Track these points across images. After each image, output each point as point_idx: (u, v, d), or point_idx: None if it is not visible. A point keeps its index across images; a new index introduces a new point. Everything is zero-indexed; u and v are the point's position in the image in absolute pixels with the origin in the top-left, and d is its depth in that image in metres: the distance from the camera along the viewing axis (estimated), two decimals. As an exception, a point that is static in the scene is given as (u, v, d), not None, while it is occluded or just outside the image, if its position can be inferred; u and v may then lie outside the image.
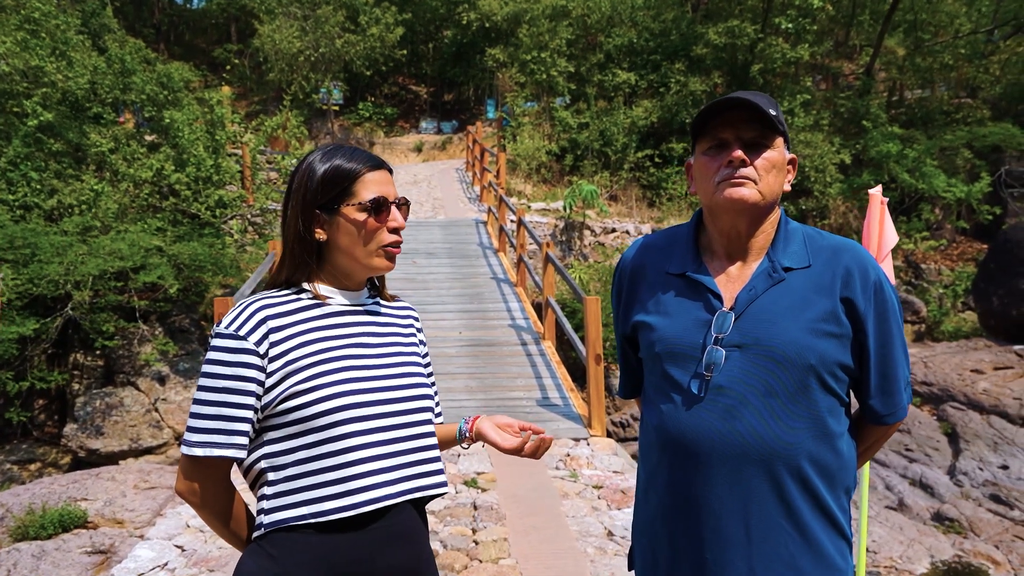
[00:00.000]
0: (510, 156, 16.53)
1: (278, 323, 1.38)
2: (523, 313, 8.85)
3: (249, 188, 11.95)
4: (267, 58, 18.07)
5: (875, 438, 1.55)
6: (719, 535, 1.42)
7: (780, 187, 1.46)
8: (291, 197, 1.44)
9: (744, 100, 1.41)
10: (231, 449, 1.33)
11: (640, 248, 1.64)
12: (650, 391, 1.55)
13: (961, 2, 20.93)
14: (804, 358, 1.37)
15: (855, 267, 1.42)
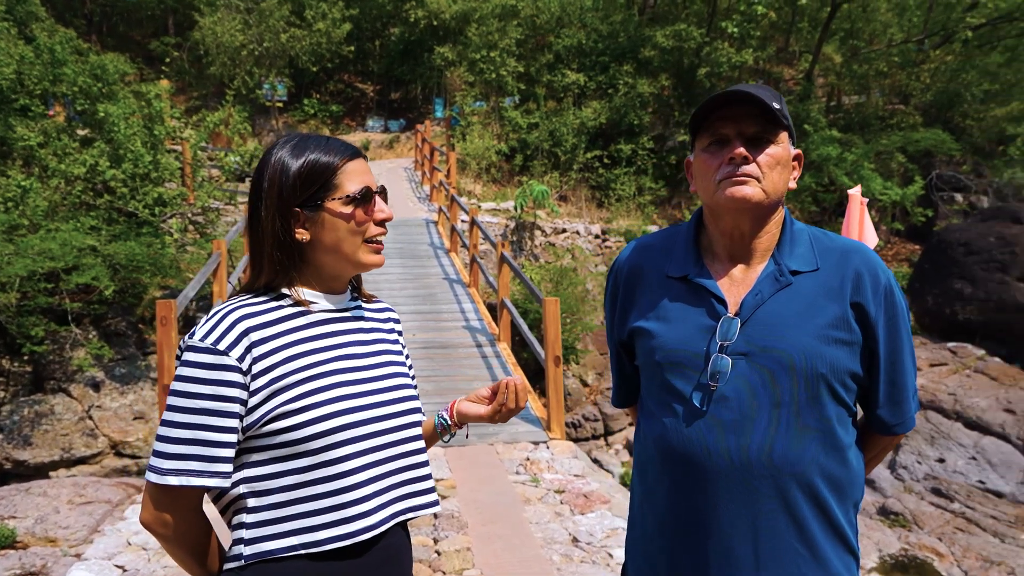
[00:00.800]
0: (459, 156, 16.39)
1: (261, 335, 1.24)
2: (477, 314, 8.73)
3: (190, 186, 11.50)
4: (208, 52, 17.46)
5: (880, 448, 1.48)
6: (726, 556, 1.34)
7: (785, 185, 1.37)
8: (262, 197, 1.29)
9: (745, 93, 1.32)
10: (213, 478, 1.20)
11: (637, 249, 1.54)
12: (650, 402, 1.45)
13: (893, 13, 21.73)
14: (815, 367, 1.30)
15: (865, 270, 1.35)
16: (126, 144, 10.25)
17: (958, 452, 9.36)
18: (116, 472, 9.19)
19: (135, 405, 9.81)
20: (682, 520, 1.38)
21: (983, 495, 8.19)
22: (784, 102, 1.39)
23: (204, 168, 12.04)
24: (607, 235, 15.51)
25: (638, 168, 17.36)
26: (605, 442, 11.77)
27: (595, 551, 4.07)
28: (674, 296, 1.43)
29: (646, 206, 16.94)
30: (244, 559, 1.23)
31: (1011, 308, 11.23)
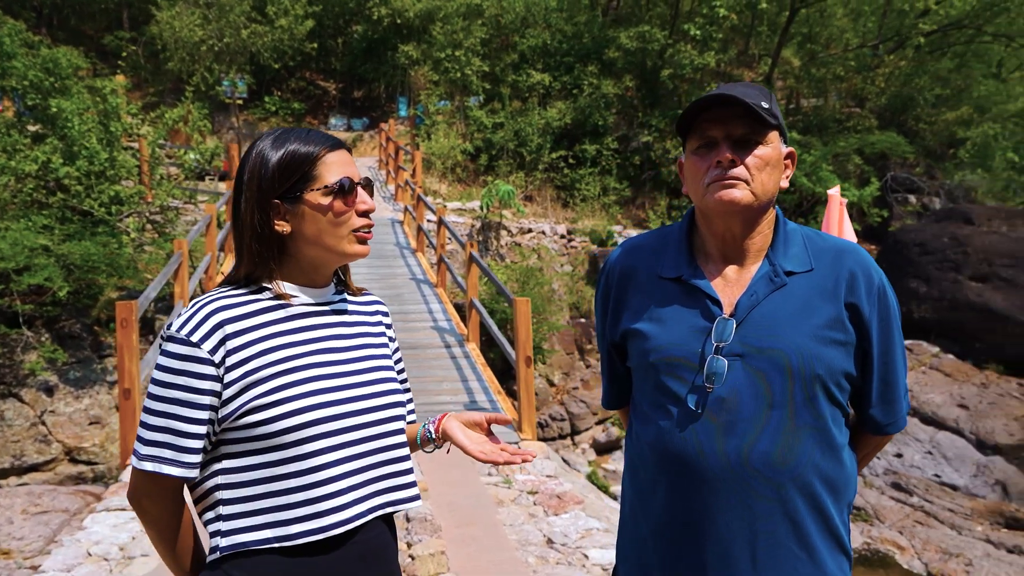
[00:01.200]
0: (424, 155, 16.28)
1: (236, 327, 1.24)
2: (445, 314, 8.67)
3: (148, 184, 11.19)
4: (166, 47, 17.02)
5: (871, 448, 1.49)
6: (723, 559, 1.32)
7: (775, 185, 1.36)
8: (243, 190, 1.29)
9: (731, 95, 1.31)
10: (178, 468, 1.22)
11: (629, 250, 1.52)
12: (644, 404, 1.43)
13: (849, 18, 22.23)
14: (812, 368, 1.29)
15: (859, 271, 1.35)
16: (81, 141, 9.93)
17: (915, 447, 9.60)
18: (71, 479, 8.90)
19: (91, 410, 9.51)
20: (678, 523, 1.36)
21: (940, 488, 8.41)
22: (775, 100, 1.38)
23: (162, 166, 11.73)
24: (572, 235, 15.56)
25: (603, 168, 17.45)
26: (572, 441, 11.80)
27: (570, 552, 4.05)
28: (668, 297, 1.41)
29: (611, 206, 17.04)
30: (220, 551, 1.24)
31: (964, 307, 11.57)
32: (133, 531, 4.28)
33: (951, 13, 19.85)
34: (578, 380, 13.06)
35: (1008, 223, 12.54)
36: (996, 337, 11.35)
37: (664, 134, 17.72)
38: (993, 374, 11.09)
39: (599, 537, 4.23)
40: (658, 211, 16.95)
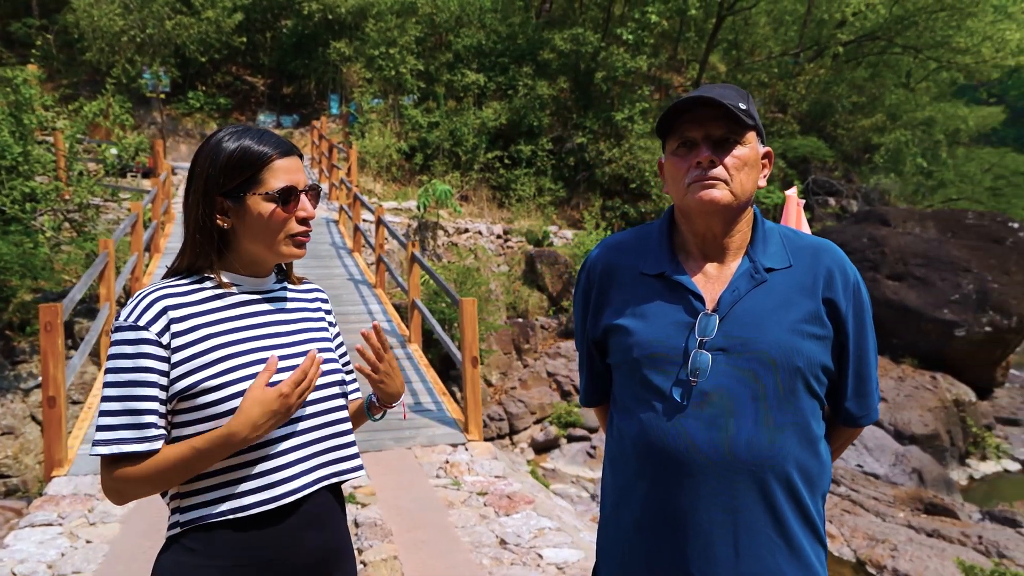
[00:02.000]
0: (358, 154, 16.00)
1: (180, 313, 1.33)
2: (385, 315, 8.54)
3: (65, 180, 10.60)
4: (82, 36, 16.15)
5: (844, 440, 1.54)
6: (705, 552, 1.34)
7: (753, 185, 1.40)
8: (193, 181, 1.37)
9: (709, 97, 1.34)
10: (144, 443, 1.28)
11: (609, 248, 1.54)
12: (627, 399, 1.45)
13: (771, 27, 23.08)
14: (792, 361, 1.33)
15: (836, 268, 1.40)
16: (-10, 133, 9.32)
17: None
18: (-18, 494, 8.35)
19: (3, 419, 8.94)
20: (660, 517, 1.38)
21: (865, 478, 8.81)
22: (752, 100, 1.42)
23: (81, 161, 11.13)
24: (509, 235, 15.59)
25: (538, 169, 17.55)
26: (510, 441, 11.83)
27: (524, 552, 4.05)
28: (651, 293, 1.44)
29: (546, 207, 17.16)
30: (180, 526, 1.33)
31: (881, 304, 12.15)
32: (62, 547, 4.04)
33: (866, 25, 20.87)
34: (516, 380, 13.10)
35: (920, 224, 13.25)
36: (911, 333, 11.98)
37: (598, 136, 17.97)
38: (909, 368, 11.70)
39: (552, 536, 4.24)
40: (592, 212, 17.18)
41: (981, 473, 10.09)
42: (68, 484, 4.77)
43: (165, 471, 1.29)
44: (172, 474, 1.30)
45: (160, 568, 1.34)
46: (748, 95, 1.41)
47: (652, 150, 17.36)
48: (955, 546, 6.62)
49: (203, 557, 1.31)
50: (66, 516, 4.39)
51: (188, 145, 19.56)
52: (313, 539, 1.37)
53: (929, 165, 22.20)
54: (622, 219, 17.44)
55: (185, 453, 1.28)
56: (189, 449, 1.28)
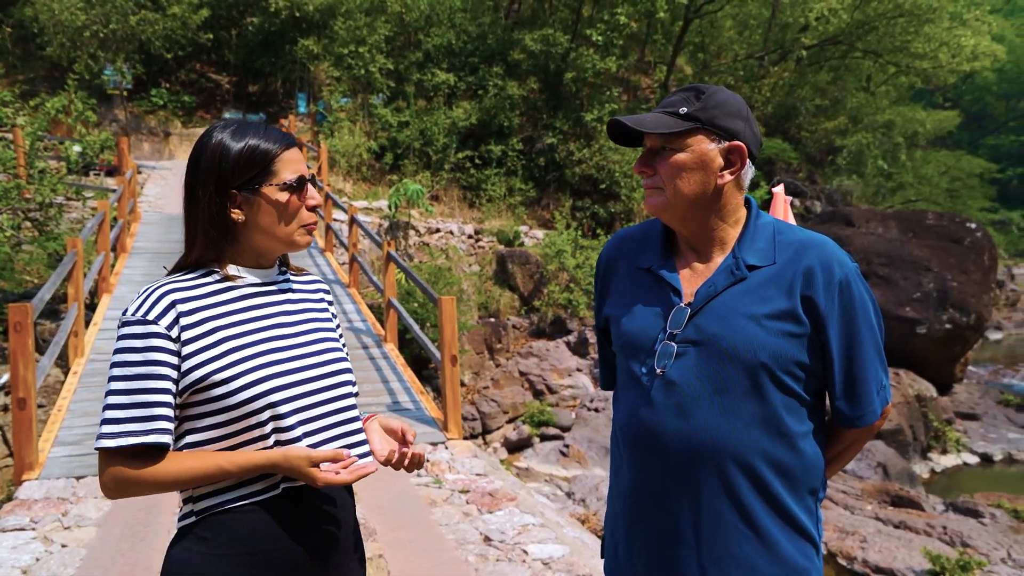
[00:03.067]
0: (328, 153, 15.86)
1: (188, 307, 1.35)
2: (360, 315, 8.48)
3: (26, 178, 10.32)
4: (42, 30, 15.72)
5: (849, 441, 1.52)
6: (671, 533, 1.42)
7: (698, 185, 1.41)
8: (200, 177, 1.38)
9: (617, 121, 1.44)
10: (152, 435, 1.29)
11: (617, 241, 1.63)
12: (619, 386, 1.55)
13: (736, 31, 23.46)
14: (755, 355, 1.36)
15: (818, 265, 1.39)
16: (-53, 130, 9.04)
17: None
18: (-59, 501, 8.09)
19: (-38, 424, 8.67)
20: (636, 497, 1.47)
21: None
22: (714, 98, 1.42)
23: (42, 159, 10.84)
24: (480, 235, 15.59)
25: (508, 169, 17.58)
26: (484, 440, 11.83)
27: (509, 548, 4.07)
28: (640, 286, 1.51)
29: (517, 207, 17.20)
30: (195, 515, 1.35)
31: (847, 302, 12.41)
32: (36, 552, 3.95)
33: (828, 29, 21.31)
34: (488, 380, 13.11)
35: (883, 225, 13.58)
36: (875, 330, 12.24)
37: (568, 136, 18.06)
38: (873, 364, 11.96)
39: (536, 532, 4.27)
40: (563, 212, 17.26)
41: (942, 466, 10.38)
42: (40, 488, 4.66)
43: (180, 479, 1.31)
44: (188, 483, 1.32)
45: (172, 559, 1.35)
46: (708, 93, 1.42)
47: (621, 151, 17.50)
48: (921, 537, 6.81)
49: (216, 546, 1.32)
50: (39, 520, 4.28)
51: (151, 143, 19.18)
52: (326, 528, 1.40)
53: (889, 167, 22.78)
54: (592, 219, 17.56)
55: (209, 469, 1.31)
56: (215, 468, 1.31)
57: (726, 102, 1.42)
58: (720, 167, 1.42)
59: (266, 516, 1.34)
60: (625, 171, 17.34)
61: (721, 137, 1.41)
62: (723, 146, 1.41)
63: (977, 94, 41.97)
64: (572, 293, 14.39)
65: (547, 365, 13.41)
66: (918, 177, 25.23)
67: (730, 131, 1.41)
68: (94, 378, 6.34)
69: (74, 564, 3.82)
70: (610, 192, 17.70)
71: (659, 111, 1.44)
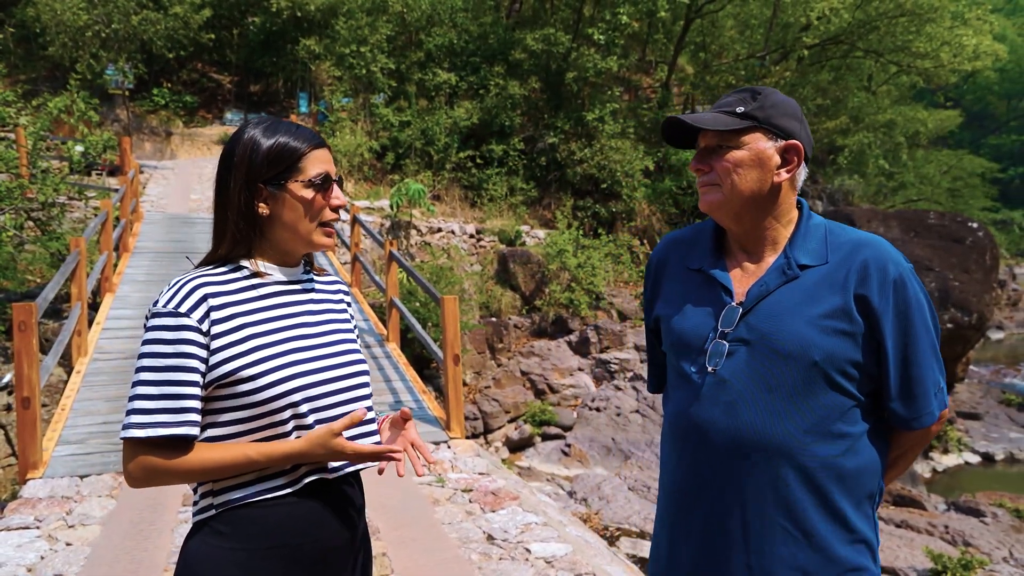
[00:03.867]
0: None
1: (219, 301, 1.37)
2: (363, 315, 8.50)
3: (28, 177, 10.33)
4: (44, 30, 15.74)
5: (909, 444, 1.48)
6: (718, 530, 1.42)
7: (754, 183, 1.43)
8: (232, 172, 1.41)
9: (674, 119, 1.45)
10: (181, 427, 1.31)
11: (668, 242, 1.65)
12: (669, 384, 1.57)
13: (738, 30, 23.44)
14: (807, 354, 1.35)
15: (873, 263, 1.38)
16: (-50, 129, 9.06)
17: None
18: (-56, 500, 8.10)
19: (-34, 423, 8.69)
20: (683, 492, 1.48)
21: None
22: (769, 97, 1.45)
23: (45, 159, 10.86)
24: (482, 235, 15.60)
25: (510, 169, 17.58)
26: (485, 440, 11.84)
27: (512, 547, 4.08)
28: (691, 286, 1.53)
29: (518, 206, 17.20)
30: (215, 508, 1.36)
31: (848, 302, 12.41)
32: (41, 550, 3.96)
33: (830, 29, 21.29)
34: (490, 379, 13.12)
35: (884, 224, 13.57)
36: (876, 330, 12.24)
37: (569, 136, 18.06)
38: (874, 364, 11.97)
39: (539, 531, 4.28)
40: (564, 211, 17.26)
41: (944, 465, 10.38)
42: (44, 486, 4.67)
43: (208, 469, 1.33)
44: (216, 474, 1.34)
45: (189, 553, 1.36)
46: (764, 93, 1.45)
47: (623, 150, 17.52)
48: (923, 536, 6.81)
49: (234, 540, 1.33)
50: (43, 519, 4.30)
51: (153, 143, 19.19)
52: (342, 521, 1.43)
53: (891, 166, 22.77)
54: (593, 219, 17.56)
55: (237, 459, 1.33)
56: (243, 458, 1.33)
57: (783, 103, 1.44)
58: (777, 165, 1.43)
59: (289, 510, 1.36)
60: (626, 171, 17.34)
61: (778, 136, 1.43)
62: (780, 144, 1.43)
63: (979, 93, 41.95)
64: (573, 293, 14.40)
65: (548, 364, 13.41)
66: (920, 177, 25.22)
67: (787, 130, 1.43)
68: (97, 377, 6.36)
69: (79, 562, 3.83)
70: (611, 192, 17.70)
71: (715, 110, 1.45)
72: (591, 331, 13.59)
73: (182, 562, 1.37)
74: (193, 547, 1.36)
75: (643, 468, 9.28)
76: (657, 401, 11.31)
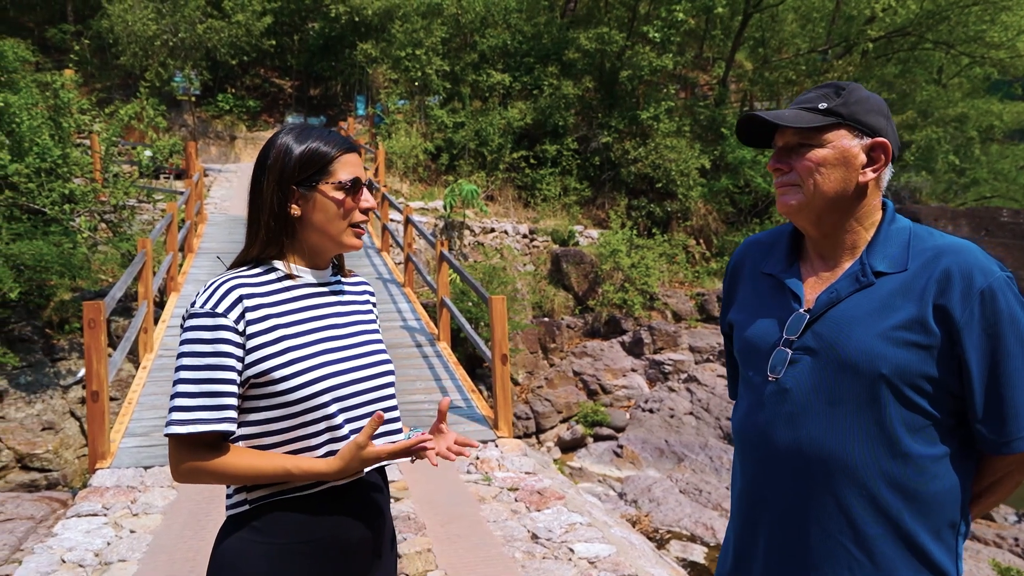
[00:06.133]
0: (385, 154, 16.16)
1: (254, 302, 1.42)
2: (414, 314, 8.62)
3: (101, 181, 10.85)
4: (117, 41, 16.49)
5: (1002, 471, 1.35)
6: (780, 543, 1.38)
7: (838, 183, 1.34)
8: (266, 174, 1.47)
9: (753, 115, 1.39)
10: (221, 424, 1.36)
11: (747, 246, 1.60)
12: (739, 390, 1.53)
13: (799, 24, 22.84)
14: (875, 367, 1.27)
15: (957, 271, 1.27)
16: (31, 136, 9.57)
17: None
18: (23, 487, 8.58)
19: (43, 415, 9.18)
20: (748, 500, 1.44)
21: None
22: (853, 93, 1.36)
23: (116, 164, 11.38)
24: (535, 235, 15.63)
25: (563, 169, 17.57)
26: (537, 440, 11.87)
27: (556, 547, 4.09)
28: (763, 291, 1.48)
29: (571, 206, 17.17)
30: (249, 503, 1.42)
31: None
32: (107, 537, 4.16)
33: (896, 20, 20.56)
34: (542, 379, 13.14)
35: (953, 223, 13.06)
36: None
37: (623, 135, 17.93)
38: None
39: (583, 531, 4.28)
40: (618, 211, 17.15)
41: (1016, 475, 9.93)
42: (111, 476, 4.91)
43: (247, 475, 1.38)
44: (253, 480, 1.39)
45: (224, 545, 1.42)
46: (848, 89, 1.36)
47: (678, 149, 17.29)
48: (991, 548, 6.54)
49: (265, 535, 1.39)
50: (110, 507, 4.52)
51: (218, 147, 19.88)
52: (367, 519, 1.48)
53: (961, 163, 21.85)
54: (648, 218, 17.39)
55: (276, 470, 1.37)
56: (281, 470, 1.37)
57: (868, 99, 1.36)
58: (863, 164, 1.35)
59: (316, 507, 1.41)
60: (682, 170, 17.11)
61: (863, 133, 1.35)
62: (865, 142, 1.35)
63: (1059, 84, 39.80)
64: (627, 293, 14.29)
65: (601, 365, 13.35)
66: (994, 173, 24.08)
67: (873, 127, 1.35)
68: (162, 373, 6.63)
69: (141, 549, 4.01)
70: (666, 191, 17.50)
71: (796, 106, 1.38)
72: (645, 332, 13.47)
73: (218, 554, 1.42)
74: (229, 543, 1.42)
75: (696, 471, 9.16)
76: (711, 403, 11.13)
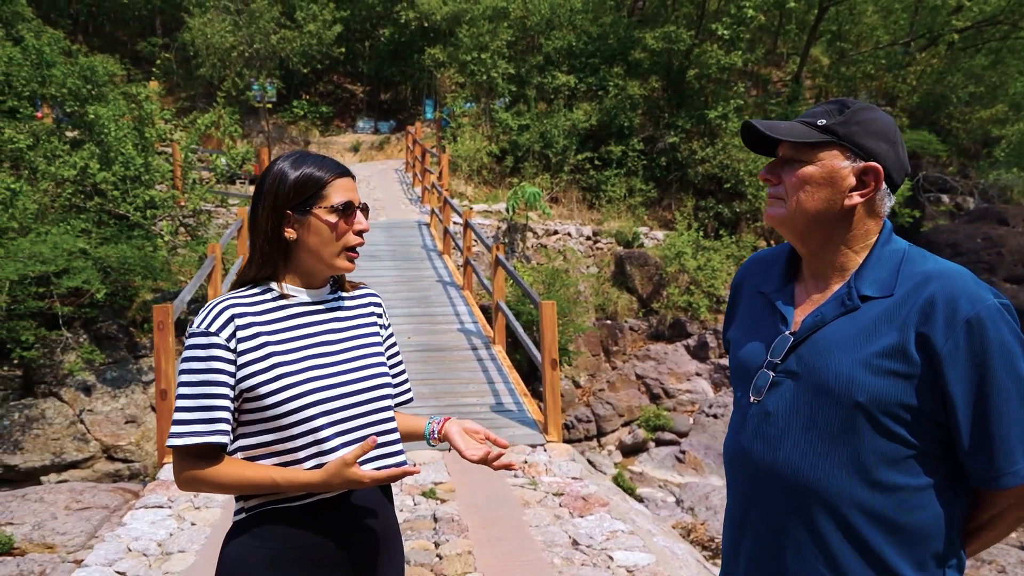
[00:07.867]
0: (450, 157, 16.39)
1: (245, 321, 1.49)
2: (472, 317, 8.74)
3: (180, 188, 11.44)
4: (197, 53, 17.35)
5: (1003, 505, 1.29)
6: (760, 566, 1.38)
7: (821, 203, 1.31)
8: (262, 199, 1.53)
9: (749, 124, 1.37)
10: (214, 436, 1.44)
11: (750, 263, 1.59)
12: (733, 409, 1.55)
13: (880, 15, 21.92)
14: (851, 394, 1.25)
15: (941, 298, 1.22)
16: (117, 146, 10.19)
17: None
18: (108, 476, 9.14)
19: (127, 409, 9.75)
20: (734, 517, 1.45)
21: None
22: (855, 113, 1.32)
23: (195, 170, 11.97)
24: (598, 236, 15.56)
25: (628, 170, 17.41)
26: (598, 443, 11.82)
27: (595, 554, 4.10)
28: (755, 311, 1.48)
29: (637, 208, 17.01)
30: (246, 511, 1.51)
31: (998, 308, 11.35)
32: (170, 528, 4.41)
33: (985, 9, 19.50)
34: (604, 382, 13.07)
35: (1044, 223, 12.30)
36: (1031, 340, 11.12)
37: (690, 135, 17.64)
38: (1028, 377, 10.87)
39: (624, 539, 4.27)
40: (684, 212, 16.89)
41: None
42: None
43: (238, 484, 1.46)
44: (244, 489, 1.48)
45: (227, 549, 1.53)
46: (852, 107, 1.33)
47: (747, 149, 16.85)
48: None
49: (261, 540, 1.48)
50: (175, 500, 4.78)
51: (293, 152, 20.62)
52: (358, 528, 1.53)
53: (1058, 158, 20.49)
54: (715, 220, 17.06)
55: (263, 480, 1.45)
56: (268, 480, 1.45)
57: (872, 121, 1.31)
58: (850, 187, 1.31)
59: (309, 516, 1.49)
60: (751, 170, 16.70)
61: (857, 156, 1.31)
62: (858, 165, 1.31)
63: None
64: (692, 296, 14.06)
65: (665, 369, 13.18)
66: (1095, 169, 22.52)
67: (869, 151, 1.30)
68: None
69: (200, 541, 4.24)
70: (735, 191, 17.12)
71: (797, 121, 1.37)
72: (710, 335, 13.22)
73: (222, 556, 1.52)
74: (230, 549, 1.51)
75: (758, 479, 8.95)
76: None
